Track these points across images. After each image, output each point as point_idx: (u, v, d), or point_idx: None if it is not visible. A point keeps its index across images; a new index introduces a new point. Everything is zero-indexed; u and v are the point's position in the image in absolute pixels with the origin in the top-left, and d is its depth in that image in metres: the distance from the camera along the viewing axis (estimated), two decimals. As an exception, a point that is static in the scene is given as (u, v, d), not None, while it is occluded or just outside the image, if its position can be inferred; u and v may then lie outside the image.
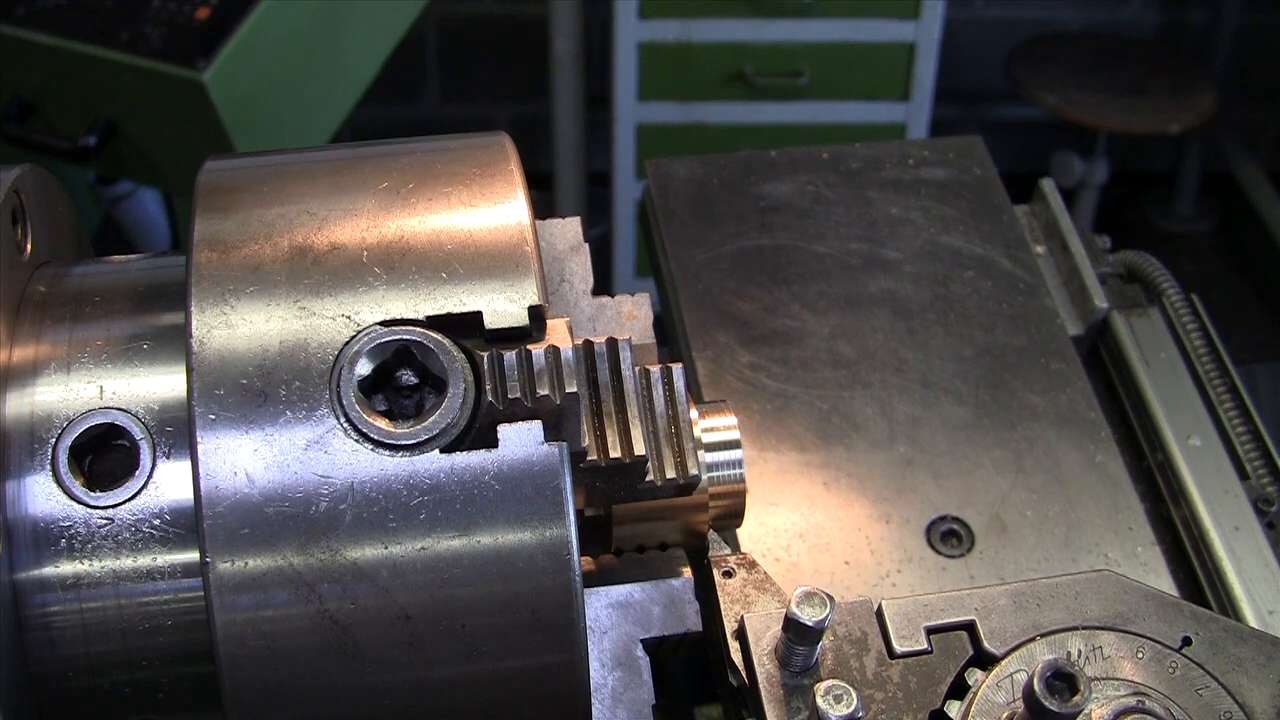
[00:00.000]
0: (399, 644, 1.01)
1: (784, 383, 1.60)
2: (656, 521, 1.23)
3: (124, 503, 1.06)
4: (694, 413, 1.25)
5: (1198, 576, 1.53)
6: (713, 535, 1.29)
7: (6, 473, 1.06)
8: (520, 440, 1.01)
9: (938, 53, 4.62)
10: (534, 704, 1.06)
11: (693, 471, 1.16)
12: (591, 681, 1.07)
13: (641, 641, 1.18)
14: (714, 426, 1.27)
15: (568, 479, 1.02)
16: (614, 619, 1.17)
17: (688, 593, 1.20)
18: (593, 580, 1.21)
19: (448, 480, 1.00)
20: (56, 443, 1.07)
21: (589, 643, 1.12)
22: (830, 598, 1.10)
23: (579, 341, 1.11)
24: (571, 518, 1.01)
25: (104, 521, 1.06)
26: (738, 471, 1.25)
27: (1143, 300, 1.76)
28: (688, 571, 1.23)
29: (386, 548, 1.00)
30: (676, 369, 1.19)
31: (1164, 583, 1.46)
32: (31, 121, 3.01)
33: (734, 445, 1.26)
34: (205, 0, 2.91)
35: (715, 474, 1.25)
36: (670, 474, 1.15)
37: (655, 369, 1.19)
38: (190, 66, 2.78)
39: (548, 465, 1.01)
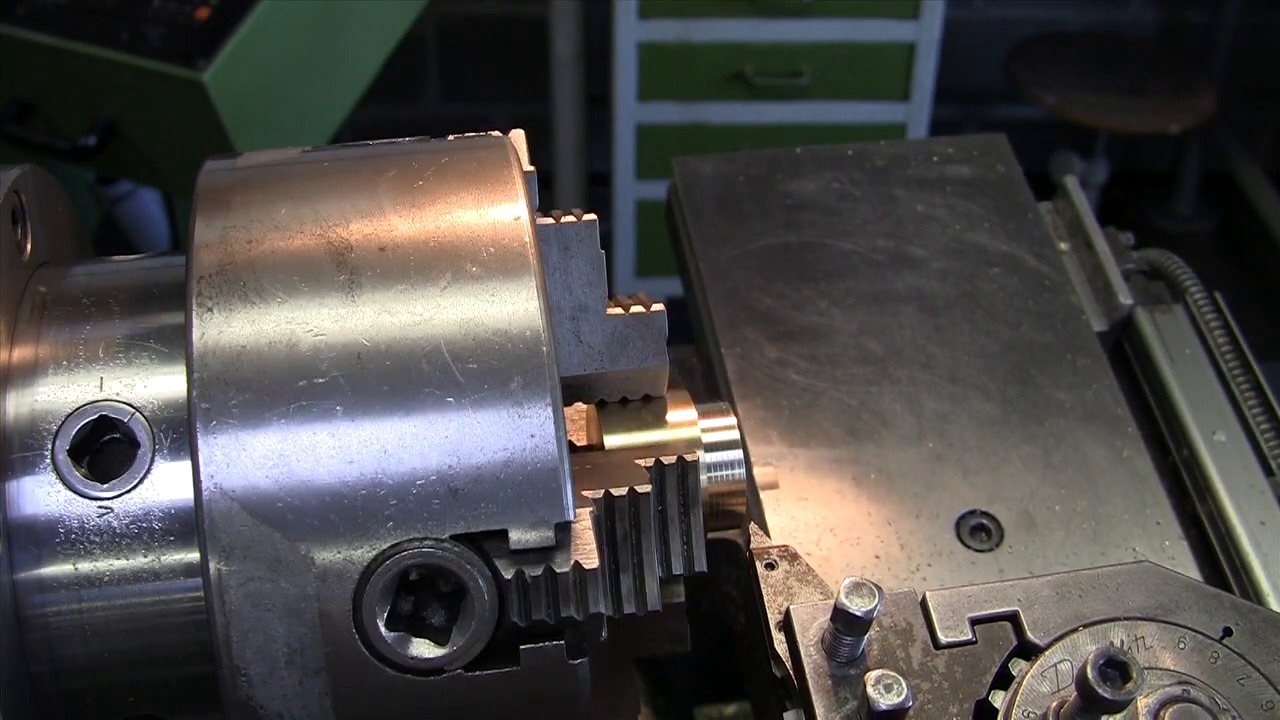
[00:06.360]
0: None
1: (812, 379, 1.61)
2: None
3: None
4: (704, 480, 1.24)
5: (1224, 571, 1.54)
6: (754, 527, 1.30)
7: (7, 472, 1.06)
8: (543, 659, 1.03)
9: (938, 53, 4.64)
10: None
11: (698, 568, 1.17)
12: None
13: None
14: (713, 427, 1.27)
15: (588, 691, 1.05)
16: None
17: None
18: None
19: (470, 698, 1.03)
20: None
21: None
22: (879, 588, 1.11)
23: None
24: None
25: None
26: (738, 472, 1.26)
27: (1166, 297, 1.77)
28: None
29: None
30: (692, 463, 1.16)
31: (1192, 577, 1.47)
32: (31, 121, 3.02)
33: (734, 445, 1.27)
34: (205, 0, 2.92)
35: (714, 474, 1.26)
36: (677, 569, 1.17)
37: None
38: (190, 66, 2.79)
39: (570, 686, 1.04)
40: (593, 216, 1.18)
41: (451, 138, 1.20)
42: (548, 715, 1.06)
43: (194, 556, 1.05)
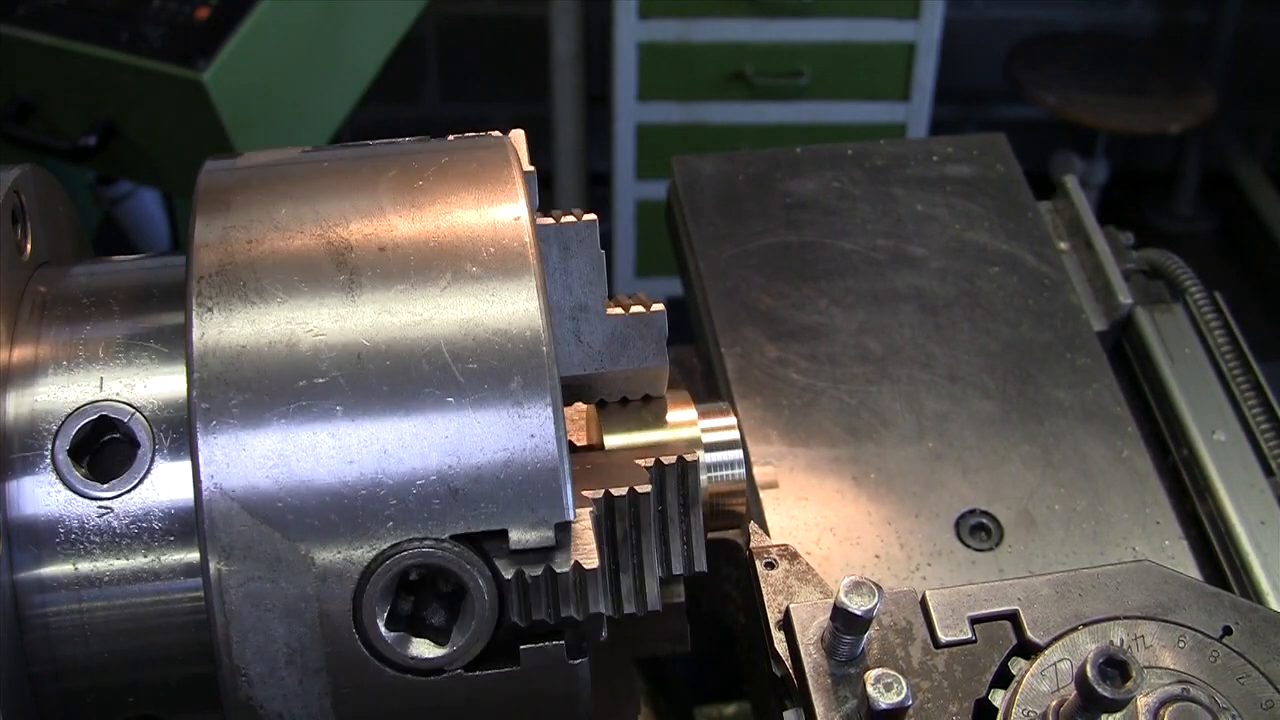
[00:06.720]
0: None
1: (812, 378, 1.61)
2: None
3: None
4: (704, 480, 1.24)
5: (1223, 571, 1.54)
6: (753, 526, 1.30)
7: (7, 472, 1.06)
8: (543, 659, 1.03)
9: (938, 53, 4.64)
10: None
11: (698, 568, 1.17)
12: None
13: None
14: (713, 427, 1.27)
15: (588, 691, 1.05)
16: None
17: None
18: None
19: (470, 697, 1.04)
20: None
21: None
22: (878, 587, 1.11)
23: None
24: None
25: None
26: (738, 472, 1.27)
27: (1166, 296, 1.77)
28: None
29: None
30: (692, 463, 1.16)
31: (1192, 576, 1.47)
32: (31, 121, 3.02)
33: (734, 445, 1.27)
34: (205, 0, 2.92)
35: (714, 474, 1.26)
36: (677, 569, 1.16)
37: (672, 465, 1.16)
38: (190, 66, 2.79)
39: (570, 686, 1.04)
40: (593, 216, 1.18)
41: (451, 138, 1.20)
42: (548, 715, 1.06)
43: (194, 556, 1.05)
